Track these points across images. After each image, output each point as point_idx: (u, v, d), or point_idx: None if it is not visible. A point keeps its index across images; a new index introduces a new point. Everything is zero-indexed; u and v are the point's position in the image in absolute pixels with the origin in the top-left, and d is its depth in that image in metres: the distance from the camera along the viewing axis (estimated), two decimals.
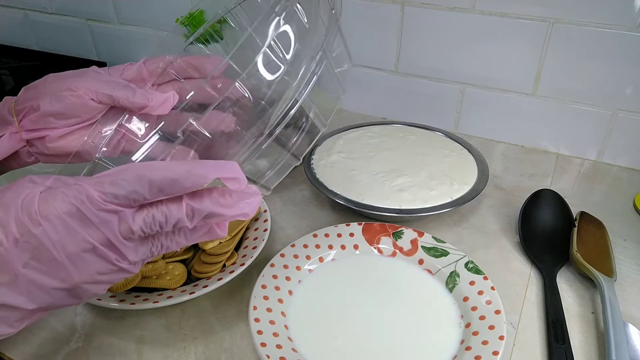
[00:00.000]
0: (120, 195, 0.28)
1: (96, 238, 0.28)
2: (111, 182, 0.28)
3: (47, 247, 0.27)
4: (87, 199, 0.27)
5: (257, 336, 0.41)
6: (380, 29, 0.76)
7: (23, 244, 0.27)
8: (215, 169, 0.29)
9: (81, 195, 0.27)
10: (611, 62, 0.64)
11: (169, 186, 0.28)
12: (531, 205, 0.58)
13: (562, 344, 0.43)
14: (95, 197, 0.27)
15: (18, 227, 0.26)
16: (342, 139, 0.69)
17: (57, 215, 0.27)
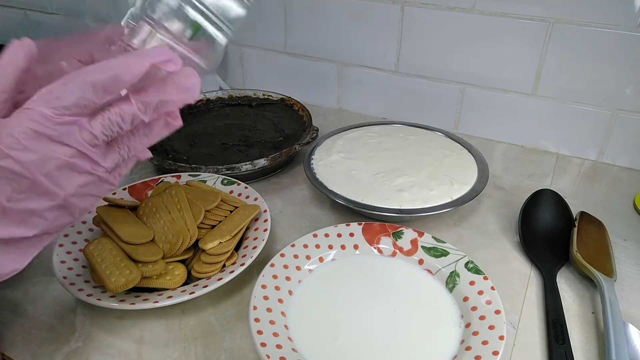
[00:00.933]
0: (70, 105, 0.28)
1: (63, 152, 0.29)
2: (56, 96, 0.28)
3: (22, 174, 0.28)
4: (40, 118, 0.28)
5: (257, 336, 0.41)
6: (380, 29, 0.76)
7: (0, 181, 0.27)
8: (148, 55, 0.30)
9: (33, 116, 0.28)
10: (611, 62, 0.64)
11: (112, 84, 0.29)
12: (531, 205, 0.58)
13: (562, 344, 0.43)
14: (48, 114, 0.28)
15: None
16: (342, 139, 0.69)
17: (19, 142, 0.27)
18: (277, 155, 0.64)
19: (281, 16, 0.83)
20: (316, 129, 0.71)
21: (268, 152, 0.68)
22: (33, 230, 0.29)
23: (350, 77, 0.83)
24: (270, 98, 0.82)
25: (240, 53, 0.91)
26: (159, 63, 0.30)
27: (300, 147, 0.67)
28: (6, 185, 0.28)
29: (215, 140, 0.72)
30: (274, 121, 0.77)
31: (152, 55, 0.30)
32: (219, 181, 0.60)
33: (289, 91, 0.82)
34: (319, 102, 0.88)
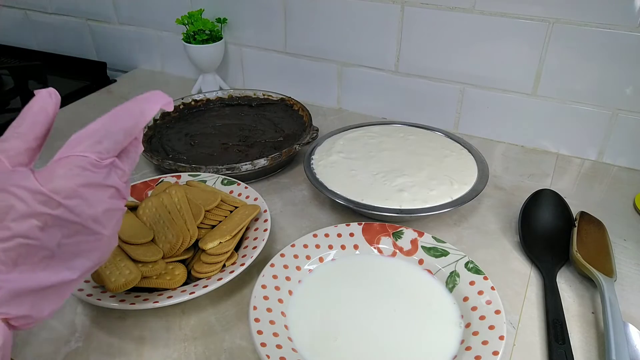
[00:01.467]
0: (109, 149, 0.31)
1: (108, 194, 0.31)
2: (97, 141, 0.30)
3: (75, 221, 0.29)
4: (88, 165, 0.29)
5: (257, 336, 0.41)
6: (380, 29, 0.76)
7: (51, 229, 0.28)
8: (157, 101, 0.34)
9: (82, 163, 0.29)
10: (611, 62, 0.64)
11: (136, 128, 0.33)
12: (531, 205, 0.58)
13: (562, 344, 0.43)
14: (94, 160, 0.30)
15: (38, 218, 0.27)
16: (342, 139, 0.69)
17: (73, 190, 0.28)
18: (277, 155, 0.64)
19: (281, 16, 0.83)
20: (316, 129, 0.71)
21: (268, 152, 0.68)
22: (77, 272, 0.30)
23: (350, 77, 0.83)
24: (270, 98, 0.82)
25: (240, 53, 0.91)
26: (164, 105, 0.34)
27: (300, 147, 0.67)
28: (57, 231, 0.28)
29: (215, 140, 0.72)
30: (274, 121, 0.77)
31: (159, 100, 0.34)
32: (219, 181, 0.60)
33: (289, 91, 0.82)
34: (319, 102, 0.88)
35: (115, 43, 1.03)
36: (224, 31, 0.89)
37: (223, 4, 0.87)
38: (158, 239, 0.48)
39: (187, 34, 0.85)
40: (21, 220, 0.27)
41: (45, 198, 0.28)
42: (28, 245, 0.27)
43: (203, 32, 0.85)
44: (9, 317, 0.28)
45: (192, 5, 0.89)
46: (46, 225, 0.28)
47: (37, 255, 0.28)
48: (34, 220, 0.27)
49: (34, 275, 0.28)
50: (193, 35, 0.85)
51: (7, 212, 0.27)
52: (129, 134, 0.32)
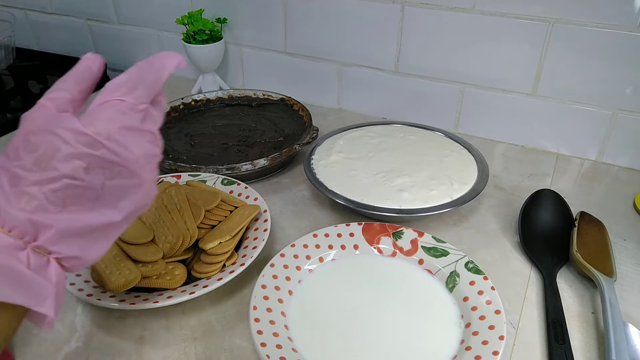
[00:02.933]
0: (144, 95, 0.32)
1: (146, 138, 0.32)
2: (133, 86, 0.32)
3: (117, 162, 0.30)
4: (126, 108, 0.31)
5: (257, 336, 0.41)
6: (380, 29, 0.76)
7: (95, 170, 0.29)
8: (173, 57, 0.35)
9: (120, 106, 0.30)
10: (611, 62, 0.64)
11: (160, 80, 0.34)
12: (531, 205, 0.58)
13: (562, 344, 0.43)
14: (132, 104, 0.31)
15: (83, 159, 0.29)
16: (342, 139, 0.69)
17: (113, 132, 0.30)
18: (277, 155, 0.64)
19: (281, 16, 0.83)
20: (316, 129, 0.71)
21: (268, 152, 0.68)
22: (121, 213, 0.31)
23: (350, 77, 0.83)
24: (270, 98, 0.82)
25: (240, 53, 0.91)
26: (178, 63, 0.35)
27: (300, 147, 0.67)
28: (100, 173, 0.29)
29: (215, 140, 0.72)
30: (274, 121, 0.77)
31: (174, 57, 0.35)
32: (219, 181, 0.60)
33: (289, 91, 0.82)
34: (319, 102, 0.88)
35: (115, 43, 1.03)
36: (224, 31, 0.89)
37: (223, 4, 0.87)
38: (158, 239, 0.48)
39: (187, 34, 0.85)
40: (67, 161, 0.28)
41: (89, 139, 0.29)
42: (74, 185, 0.29)
43: (203, 32, 0.85)
44: (60, 257, 0.29)
45: (192, 5, 0.89)
46: (90, 166, 0.29)
47: (83, 196, 0.29)
48: (78, 161, 0.28)
49: (82, 215, 0.29)
50: (193, 35, 0.85)
51: (53, 153, 0.28)
52: (156, 83, 0.33)
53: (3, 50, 0.93)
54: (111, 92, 0.31)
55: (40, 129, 0.29)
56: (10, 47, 0.96)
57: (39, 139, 0.29)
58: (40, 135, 0.29)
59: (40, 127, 0.29)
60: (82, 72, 0.33)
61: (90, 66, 0.34)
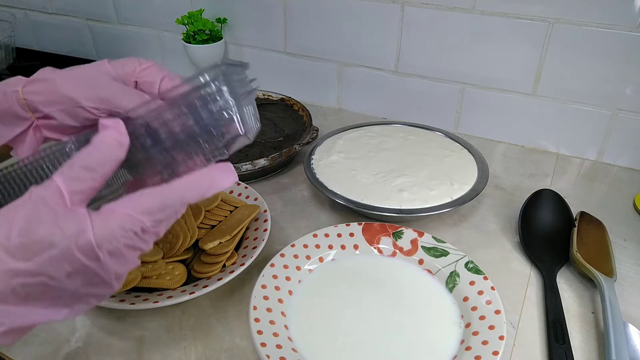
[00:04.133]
0: (164, 219, 0.30)
1: (139, 254, 0.30)
2: (158, 208, 0.29)
3: (101, 275, 0.28)
4: (141, 231, 0.29)
5: (257, 336, 0.41)
6: (380, 29, 0.76)
7: (76, 275, 0.27)
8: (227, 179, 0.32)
9: (138, 227, 0.28)
10: (611, 62, 0.64)
11: (199, 198, 0.31)
12: (531, 205, 0.58)
13: (562, 344, 0.43)
14: (146, 227, 0.29)
15: (72, 263, 0.27)
16: (342, 139, 0.69)
17: (116, 249, 0.28)
18: (277, 155, 0.64)
19: (281, 16, 0.83)
20: (316, 129, 0.71)
21: (268, 152, 0.68)
22: (73, 314, 0.29)
23: (350, 77, 0.83)
24: (270, 98, 0.82)
25: (240, 53, 0.91)
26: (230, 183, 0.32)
27: (300, 147, 0.67)
28: (79, 280, 0.28)
29: None
30: (274, 121, 0.77)
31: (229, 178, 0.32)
32: None
33: (289, 91, 0.82)
34: (319, 102, 0.88)
35: (115, 43, 1.03)
36: (224, 31, 0.89)
37: (223, 4, 0.87)
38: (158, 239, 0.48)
39: (187, 34, 0.85)
40: (55, 262, 0.26)
41: (89, 248, 0.27)
42: (48, 285, 0.27)
43: (203, 32, 0.85)
44: None
45: (192, 5, 0.89)
46: (75, 272, 0.27)
47: (48, 294, 0.27)
48: (66, 264, 0.27)
49: (36, 311, 0.27)
50: (193, 35, 0.85)
51: (46, 249, 0.26)
52: (187, 204, 0.31)
53: (3, 50, 0.93)
54: (138, 201, 0.29)
55: (45, 221, 0.27)
56: (10, 47, 0.96)
57: (38, 227, 0.26)
58: (42, 226, 0.27)
59: (45, 219, 0.27)
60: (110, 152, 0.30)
61: (120, 142, 0.31)
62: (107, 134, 0.31)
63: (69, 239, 0.26)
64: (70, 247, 0.26)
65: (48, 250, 0.26)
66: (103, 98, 0.35)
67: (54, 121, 0.36)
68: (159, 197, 0.29)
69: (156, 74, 0.37)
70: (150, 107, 0.34)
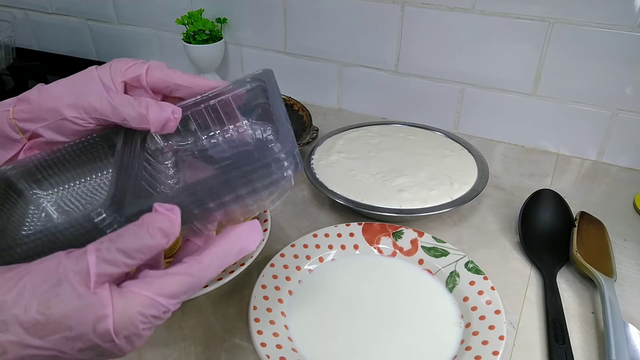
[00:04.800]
0: (181, 300, 0.29)
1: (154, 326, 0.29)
2: (185, 291, 0.28)
3: (114, 352, 0.27)
4: (163, 313, 0.28)
5: (257, 336, 0.41)
6: (380, 29, 0.76)
7: (88, 351, 0.26)
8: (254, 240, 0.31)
9: (159, 312, 0.27)
10: (611, 62, 0.64)
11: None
12: (531, 205, 0.58)
13: (562, 344, 0.43)
14: (170, 310, 0.28)
15: (85, 343, 0.26)
16: (342, 139, 0.69)
17: (136, 333, 0.27)
18: None
19: (281, 16, 0.83)
20: (316, 129, 0.71)
21: None
22: None
23: (350, 77, 0.83)
24: None
25: (240, 53, 0.91)
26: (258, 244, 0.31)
27: (300, 147, 0.67)
28: (91, 353, 0.27)
29: None
30: None
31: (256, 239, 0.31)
32: None
33: (289, 91, 0.82)
34: (319, 102, 0.88)
35: (115, 43, 1.03)
36: (224, 31, 0.89)
37: (223, 4, 0.87)
38: None
39: (187, 34, 0.85)
40: (70, 342, 0.26)
41: (106, 335, 0.26)
42: (58, 357, 0.26)
43: (203, 32, 0.85)
44: None
45: (192, 5, 0.89)
46: (88, 349, 0.26)
47: None
48: (80, 344, 0.26)
49: None
50: (193, 35, 0.85)
51: (61, 330, 0.25)
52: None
53: (3, 50, 0.93)
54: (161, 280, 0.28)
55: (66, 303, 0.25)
56: (10, 47, 0.96)
57: (57, 307, 0.25)
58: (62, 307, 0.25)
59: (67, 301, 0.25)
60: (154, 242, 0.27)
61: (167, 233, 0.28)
62: (159, 219, 0.28)
63: (87, 325, 0.26)
64: (87, 332, 0.26)
65: (64, 332, 0.25)
66: (86, 107, 0.33)
67: (42, 139, 0.35)
68: (188, 279, 0.28)
69: (140, 66, 0.36)
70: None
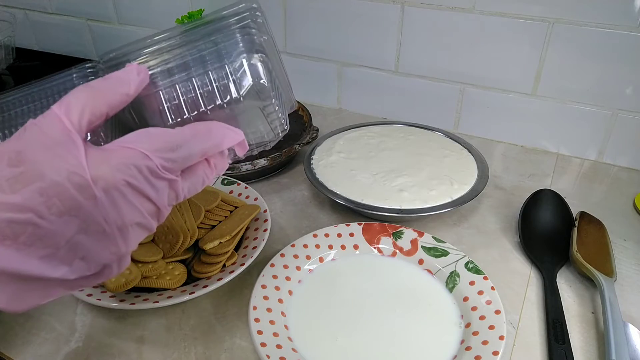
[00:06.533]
0: (179, 160, 0.26)
1: (147, 209, 0.26)
2: (171, 147, 0.26)
3: (99, 220, 0.24)
4: (147, 169, 0.25)
5: (257, 336, 0.41)
6: (380, 29, 0.76)
7: (70, 218, 0.24)
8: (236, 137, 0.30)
9: (141, 162, 0.25)
10: (611, 62, 0.64)
11: (212, 150, 0.29)
12: (531, 205, 0.58)
13: (562, 344, 0.43)
14: (155, 167, 0.25)
15: (63, 200, 0.24)
16: (342, 139, 0.69)
17: (115, 187, 0.24)
18: (277, 155, 0.64)
19: (281, 16, 0.83)
20: (316, 129, 0.71)
21: (268, 152, 0.68)
22: (74, 274, 0.26)
23: (350, 77, 0.83)
24: None
25: None
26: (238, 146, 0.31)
27: (300, 147, 0.67)
28: (74, 223, 0.24)
29: None
30: None
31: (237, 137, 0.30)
32: (219, 181, 0.60)
33: None
34: (319, 102, 0.88)
35: (115, 43, 1.02)
36: None
37: (223, 4, 0.87)
38: (158, 239, 0.48)
39: None
40: (45, 194, 0.23)
41: (82, 182, 0.24)
42: (37, 225, 0.23)
43: None
44: None
45: (192, 5, 0.89)
46: (67, 211, 0.24)
47: (42, 240, 0.24)
48: (56, 199, 0.23)
49: (29, 261, 0.24)
50: None
51: (35, 179, 0.23)
52: (204, 154, 0.28)
53: (3, 50, 0.93)
54: (142, 138, 0.26)
55: (36, 148, 0.24)
56: (10, 47, 0.96)
57: (30, 156, 0.24)
58: (32, 152, 0.24)
59: (37, 146, 0.24)
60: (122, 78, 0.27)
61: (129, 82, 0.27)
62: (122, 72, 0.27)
63: (61, 168, 0.23)
64: (61, 180, 0.23)
65: (36, 182, 0.23)
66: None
67: None
68: (170, 135, 0.26)
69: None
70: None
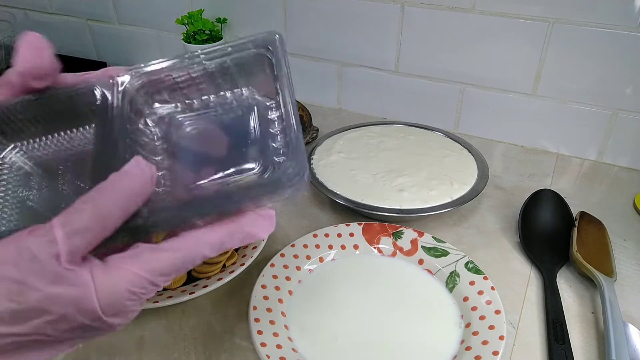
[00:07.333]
0: (181, 272, 0.27)
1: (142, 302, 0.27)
2: (176, 268, 0.26)
3: (102, 329, 0.25)
4: (151, 285, 0.26)
5: (257, 336, 0.41)
6: (380, 29, 0.76)
7: (75, 330, 0.25)
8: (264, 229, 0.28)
9: (147, 289, 0.26)
10: (611, 62, 0.64)
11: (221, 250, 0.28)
12: (531, 205, 0.58)
13: (562, 344, 0.43)
14: (159, 286, 0.26)
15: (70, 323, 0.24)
16: (342, 139, 0.69)
17: (121, 308, 0.25)
18: None
19: (281, 16, 0.83)
20: (316, 129, 0.71)
21: None
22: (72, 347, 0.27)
23: (350, 77, 0.83)
24: None
25: None
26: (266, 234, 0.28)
27: None
28: (78, 331, 0.25)
29: None
30: None
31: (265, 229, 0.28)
32: None
33: None
34: (319, 102, 0.88)
35: (115, 43, 1.03)
36: (224, 31, 0.89)
37: (223, 4, 0.87)
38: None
39: (187, 34, 0.85)
40: (52, 324, 0.23)
41: (92, 313, 0.24)
42: (43, 341, 0.24)
43: (203, 32, 0.85)
44: None
45: (192, 5, 0.89)
46: (73, 329, 0.24)
47: (44, 345, 0.24)
48: (64, 324, 0.24)
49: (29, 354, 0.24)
50: (193, 35, 0.85)
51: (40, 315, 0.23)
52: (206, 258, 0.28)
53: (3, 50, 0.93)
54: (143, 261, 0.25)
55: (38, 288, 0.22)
56: (10, 47, 0.96)
57: (30, 294, 0.22)
58: (35, 293, 0.22)
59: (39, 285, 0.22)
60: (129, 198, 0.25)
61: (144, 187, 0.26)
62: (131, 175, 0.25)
63: (68, 306, 0.23)
64: (68, 313, 0.23)
65: (43, 316, 0.23)
66: None
67: None
68: (179, 255, 0.26)
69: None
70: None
